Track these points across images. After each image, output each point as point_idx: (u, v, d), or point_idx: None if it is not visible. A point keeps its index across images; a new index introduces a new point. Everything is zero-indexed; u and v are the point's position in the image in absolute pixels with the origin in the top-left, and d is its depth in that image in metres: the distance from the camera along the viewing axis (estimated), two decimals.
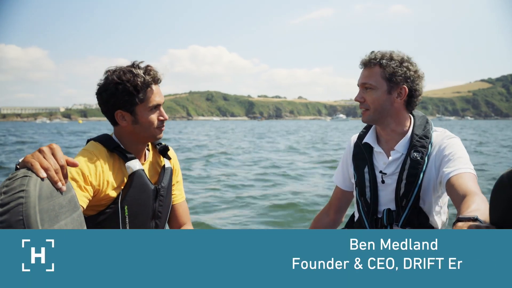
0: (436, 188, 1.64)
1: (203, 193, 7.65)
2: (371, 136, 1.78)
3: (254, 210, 6.27)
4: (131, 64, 1.63)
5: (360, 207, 1.77)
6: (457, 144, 1.62)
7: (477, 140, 23.65)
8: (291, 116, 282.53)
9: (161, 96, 1.66)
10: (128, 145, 1.67)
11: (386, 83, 1.62)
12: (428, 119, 1.73)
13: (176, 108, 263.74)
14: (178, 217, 1.89)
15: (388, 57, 1.63)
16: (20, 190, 0.97)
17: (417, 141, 1.65)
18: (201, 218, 5.75)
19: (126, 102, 1.59)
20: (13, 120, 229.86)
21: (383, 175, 1.70)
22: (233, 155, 15.16)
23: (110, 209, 1.60)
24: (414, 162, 1.62)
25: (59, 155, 1.10)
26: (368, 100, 1.65)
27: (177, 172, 1.90)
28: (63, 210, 1.09)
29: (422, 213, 1.65)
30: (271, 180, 9.22)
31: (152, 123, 1.64)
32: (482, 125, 71.96)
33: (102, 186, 1.57)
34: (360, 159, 1.78)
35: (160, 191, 1.72)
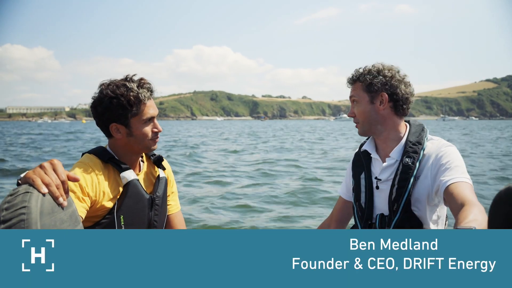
0: (431, 196, 1.66)
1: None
2: (370, 144, 1.85)
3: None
4: (125, 77, 1.67)
5: (355, 212, 1.83)
6: (454, 152, 1.65)
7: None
8: (295, 116, 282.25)
9: (155, 108, 1.70)
10: (123, 157, 1.70)
11: (367, 94, 1.72)
12: (425, 127, 1.78)
13: (181, 108, 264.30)
14: (174, 228, 1.93)
15: (366, 71, 1.74)
16: (22, 206, 0.98)
17: (410, 147, 1.70)
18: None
19: (121, 115, 1.62)
20: (18, 119, 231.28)
21: (378, 181, 1.76)
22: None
23: (106, 220, 1.62)
24: (405, 167, 1.67)
25: (60, 170, 1.11)
26: (356, 113, 1.77)
27: (171, 183, 1.94)
28: (64, 225, 1.10)
29: (414, 218, 1.67)
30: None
31: (147, 135, 1.68)
32: (482, 125, 71.44)
33: (99, 197, 1.60)
34: (358, 166, 1.85)
35: (156, 200, 1.75)
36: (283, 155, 15.07)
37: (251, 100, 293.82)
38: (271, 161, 12.97)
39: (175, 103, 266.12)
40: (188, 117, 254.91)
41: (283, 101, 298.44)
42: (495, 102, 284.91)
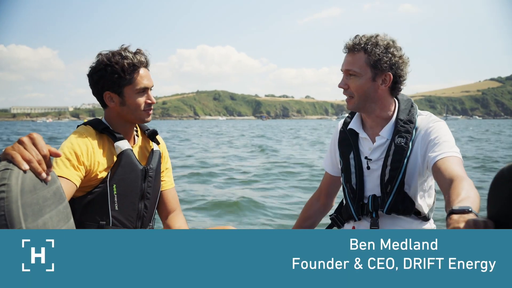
0: (421, 173, 1.63)
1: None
2: (356, 122, 1.76)
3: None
4: (121, 47, 1.67)
5: (346, 193, 1.77)
6: (443, 128, 1.60)
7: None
8: (298, 116, 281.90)
9: (150, 79, 1.70)
10: (117, 127, 1.71)
11: (370, 69, 1.58)
12: (413, 103, 1.70)
13: (183, 108, 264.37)
14: (167, 203, 1.91)
15: (373, 42, 1.58)
16: (1, 184, 0.93)
17: (401, 126, 1.63)
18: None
19: (114, 83, 1.63)
20: (22, 119, 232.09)
21: (368, 161, 1.69)
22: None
23: (99, 189, 1.62)
24: (398, 148, 1.61)
25: (40, 144, 1.04)
26: (352, 87, 1.61)
27: (166, 159, 1.94)
28: (47, 203, 1.05)
29: (407, 198, 1.64)
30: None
31: (139, 106, 1.67)
32: (478, 124, 71.06)
33: (93, 166, 1.60)
34: (346, 145, 1.77)
35: (149, 172, 1.74)
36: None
37: (254, 100, 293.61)
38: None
39: (178, 102, 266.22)
40: (191, 117, 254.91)
41: (286, 101, 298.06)
42: (499, 101, 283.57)
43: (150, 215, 1.80)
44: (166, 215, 1.92)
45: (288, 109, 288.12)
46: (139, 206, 1.73)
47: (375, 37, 1.60)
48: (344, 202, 1.83)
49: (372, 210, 1.68)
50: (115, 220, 1.66)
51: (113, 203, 1.64)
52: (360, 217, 1.73)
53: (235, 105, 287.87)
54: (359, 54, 1.59)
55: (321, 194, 2.03)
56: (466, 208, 0.99)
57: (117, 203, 1.65)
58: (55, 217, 1.08)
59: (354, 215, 1.73)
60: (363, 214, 1.72)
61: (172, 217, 1.91)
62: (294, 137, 26.87)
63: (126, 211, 1.68)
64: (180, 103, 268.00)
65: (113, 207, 1.64)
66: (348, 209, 1.76)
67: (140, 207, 1.73)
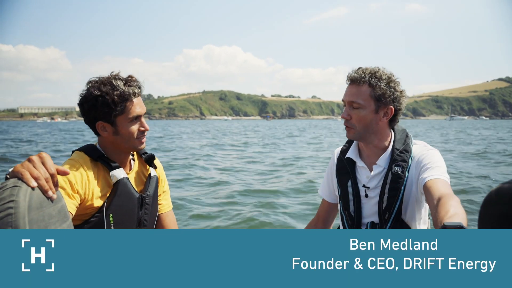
0: (418, 199, 1.68)
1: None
2: (354, 151, 1.81)
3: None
4: (111, 75, 1.65)
5: (344, 220, 1.81)
6: (435, 155, 1.66)
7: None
8: (305, 116, 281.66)
9: (142, 107, 1.68)
10: (112, 155, 1.69)
11: (374, 102, 1.64)
12: (408, 133, 1.77)
13: (190, 108, 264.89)
14: (165, 227, 1.91)
15: (377, 76, 1.64)
16: (10, 200, 0.96)
17: (398, 155, 1.68)
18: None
19: (106, 114, 1.60)
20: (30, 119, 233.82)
21: (366, 189, 1.74)
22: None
23: (95, 218, 1.60)
24: (395, 176, 1.66)
25: (49, 163, 1.08)
26: (354, 119, 1.66)
27: (163, 182, 1.92)
28: (52, 220, 1.08)
29: (404, 224, 1.69)
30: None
31: (132, 134, 1.65)
32: (477, 125, 70.56)
33: (88, 194, 1.58)
34: (344, 174, 1.81)
35: (146, 199, 1.73)
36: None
37: (260, 100, 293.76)
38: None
39: (184, 102, 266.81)
40: (197, 117, 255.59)
41: (292, 101, 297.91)
42: (507, 102, 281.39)
43: None
44: None
45: (294, 109, 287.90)
46: None
47: (377, 71, 1.66)
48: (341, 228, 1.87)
49: None
50: None
51: None
52: None
53: (241, 105, 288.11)
54: (363, 87, 1.64)
55: (318, 221, 2.04)
56: (458, 224, 1.02)
57: None
58: None
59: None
60: None
61: None
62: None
63: None
64: (186, 103, 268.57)
65: None
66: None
67: None
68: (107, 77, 1.63)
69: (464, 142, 21.98)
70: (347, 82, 1.70)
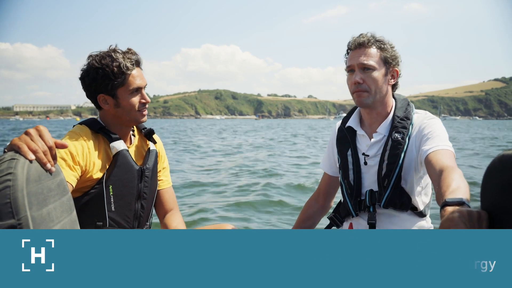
0: (417, 168, 1.65)
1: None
2: (354, 119, 1.80)
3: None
4: (111, 48, 1.66)
5: (344, 189, 1.79)
6: (437, 124, 1.64)
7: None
8: (300, 115, 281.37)
9: (143, 79, 1.69)
10: (113, 128, 1.70)
11: (383, 64, 1.64)
12: (410, 102, 1.75)
13: (185, 107, 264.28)
14: (164, 203, 1.91)
15: (380, 39, 1.65)
16: (8, 173, 0.95)
17: (398, 122, 1.67)
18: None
19: (107, 86, 1.61)
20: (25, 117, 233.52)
21: (365, 157, 1.72)
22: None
23: (95, 190, 1.61)
24: (395, 143, 1.64)
25: (46, 136, 1.07)
26: (368, 82, 1.62)
27: (163, 158, 1.93)
28: (51, 193, 1.07)
29: (404, 193, 1.66)
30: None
31: (134, 106, 1.66)
32: (466, 124, 70.16)
33: (89, 166, 1.59)
34: (344, 143, 1.80)
35: (145, 172, 1.74)
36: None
37: (256, 99, 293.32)
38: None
39: (179, 101, 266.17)
40: (192, 116, 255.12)
41: (288, 100, 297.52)
42: (503, 102, 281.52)
43: (147, 215, 1.81)
44: (164, 214, 1.92)
45: (289, 108, 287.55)
46: (136, 206, 1.73)
47: (378, 36, 1.67)
48: (342, 200, 1.86)
49: (370, 205, 1.70)
50: (112, 220, 1.65)
51: (110, 204, 1.64)
52: (358, 213, 1.75)
53: (236, 104, 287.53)
54: (371, 49, 1.63)
55: (319, 195, 2.03)
56: (460, 200, 0.99)
57: (114, 204, 1.65)
58: (58, 208, 1.10)
59: (352, 211, 1.75)
60: (361, 210, 1.74)
61: (169, 216, 1.90)
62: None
63: (123, 211, 1.68)
64: (182, 102, 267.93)
65: (110, 208, 1.64)
66: (346, 205, 1.79)
67: (136, 207, 1.73)
68: (106, 51, 1.65)
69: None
70: (352, 46, 1.67)
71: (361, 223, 1.75)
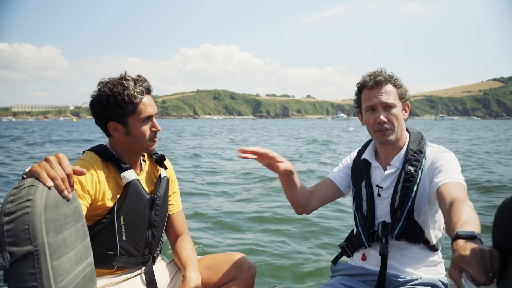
0: (431, 201, 1.65)
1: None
2: (370, 152, 1.82)
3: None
4: (121, 76, 1.65)
5: (357, 220, 1.79)
6: (450, 157, 1.64)
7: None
8: (298, 115, 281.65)
9: (153, 107, 1.67)
10: (123, 156, 1.69)
11: (400, 101, 1.68)
12: (423, 135, 1.77)
13: (183, 107, 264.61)
14: (175, 227, 1.90)
15: (391, 75, 1.68)
16: (27, 199, 0.98)
17: (412, 155, 1.69)
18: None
19: (118, 114, 1.60)
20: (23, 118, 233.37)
21: (379, 188, 1.73)
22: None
23: (106, 219, 1.60)
24: (408, 175, 1.66)
25: (65, 164, 1.11)
26: (392, 119, 1.65)
27: (173, 183, 1.91)
28: (67, 220, 1.10)
29: (417, 225, 1.65)
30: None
31: (144, 135, 1.65)
32: (461, 124, 70.38)
33: (98, 195, 1.57)
34: (358, 174, 1.82)
35: (156, 200, 1.72)
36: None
37: (254, 99, 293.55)
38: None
39: (177, 102, 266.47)
40: (190, 116, 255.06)
41: (286, 100, 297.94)
42: (501, 102, 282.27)
43: (158, 242, 1.79)
44: (175, 239, 1.90)
45: (288, 108, 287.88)
46: (147, 234, 1.71)
47: (390, 72, 1.69)
48: (354, 231, 1.84)
49: (382, 236, 1.69)
50: (123, 249, 1.64)
51: (121, 234, 1.62)
52: (370, 244, 1.74)
53: (235, 104, 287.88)
54: (389, 87, 1.66)
55: (315, 192, 1.85)
56: (472, 234, 0.99)
57: (125, 233, 1.63)
58: (73, 234, 1.14)
59: (364, 241, 1.74)
60: (373, 241, 1.73)
61: (180, 242, 1.87)
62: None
63: (134, 240, 1.67)
64: (180, 102, 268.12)
65: (121, 237, 1.63)
66: (358, 236, 1.78)
67: (147, 235, 1.72)
68: (117, 78, 1.63)
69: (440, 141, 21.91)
70: (366, 87, 1.68)
71: (373, 254, 1.73)
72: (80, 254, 1.17)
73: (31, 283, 0.96)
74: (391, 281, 1.62)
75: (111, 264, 1.62)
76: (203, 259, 1.82)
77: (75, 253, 1.14)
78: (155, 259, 1.78)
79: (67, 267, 1.08)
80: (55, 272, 1.01)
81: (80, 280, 1.15)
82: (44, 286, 0.97)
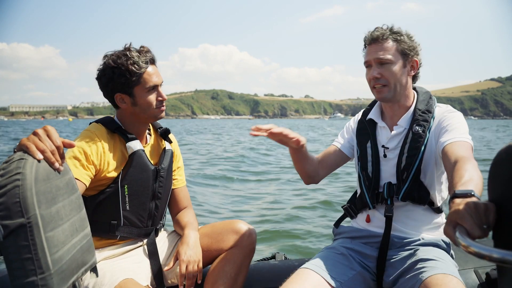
0: (437, 162, 1.62)
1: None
2: (376, 111, 1.78)
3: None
4: (126, 47, 1.66)
5: (362, 181, 1.75)
6: (457, 117, 1.61)
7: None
8: (296, 115, 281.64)
9: (159, 76, 1.69)
10: (130, 127, 1.70)
11: (401, 56, 1.62)
12: (432, 95, 1.72)
13: (181, 107, 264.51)
14: (178, 201, 1.91)
15: (396, 31, 1.63)
16: (17, 172, 0.98)
17: (420, 115, 1.65)
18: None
19: (123, 85, 1.62)
20: (21, 118, 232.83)
21: (385, 149, 1.69)
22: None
23: (110, 189, 1.62)
24: (415, 136, 1.62)
25: (54, 136, 1.10)
26: (386, 75, 1.61)
27: (178, 158, 1.93)
28: (60, 192, 1.11)
29: (422, 187, 1.62)
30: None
31: (151, 104, 1.66)
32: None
33: (103, 165, 1.59)
34: (363, 134, 1.77)
35: (160, 172, 1.73)
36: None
37: (252, 99, 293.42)
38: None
39: (175, 101, 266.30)
40: (188, 116, 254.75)
41: (284, 100, 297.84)
42: (499, 102, 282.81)
43: (161, 214, 1.80)
44: (177, 212, 1.91)
45: (286, 108, 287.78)
46: (150, 205, 1.72)
47: (394, 27, 1.64)
48: (358, 191, 1.81)
49: (387, 197, 1.65)
50: (126, 219, 1.66)
51: (125, 203, 1.64)
52: (375, 205, 1.70)
53: (233, 104, 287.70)
54: (387, 43, 1.61)
55: (321, 161, 1.83)
56: (469, 192, 0.98)
57: (128, 203, 1.65)
58: (67, 206, 1.14)
59: (369, 203, 1.71)
60: (378, 202, 1.69)
61: (182, 213, 1.88)
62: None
63: (137, 211, 1.68)
64: (178, 102, 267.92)
65: (124, 207, 1.64)
66: (363, 197, 1.74)
67: (151, 206, 1.73)
68: (121, 50, 1.65)
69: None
70: (368, 42, 1.65)
71: (377, 216, 1.70)
72: (76, 226, 1.17)
73: (26, 254, 0.97)
74: (394, 243, 1.61)
75: (114, 234, 1.63)
76: (202, 228, 1.81)
77: (70, 224, 1.14)
78: (157, 232, 1.78)
79: (62, 238, 1.08)
80: (49, 243, 1.02)
81: (77, 251, 1.16)
82: (39, 257, 0.98)
